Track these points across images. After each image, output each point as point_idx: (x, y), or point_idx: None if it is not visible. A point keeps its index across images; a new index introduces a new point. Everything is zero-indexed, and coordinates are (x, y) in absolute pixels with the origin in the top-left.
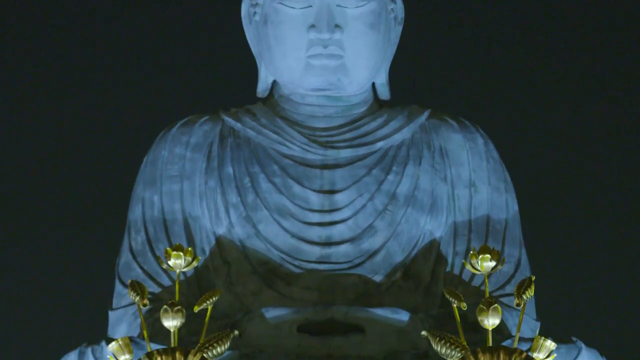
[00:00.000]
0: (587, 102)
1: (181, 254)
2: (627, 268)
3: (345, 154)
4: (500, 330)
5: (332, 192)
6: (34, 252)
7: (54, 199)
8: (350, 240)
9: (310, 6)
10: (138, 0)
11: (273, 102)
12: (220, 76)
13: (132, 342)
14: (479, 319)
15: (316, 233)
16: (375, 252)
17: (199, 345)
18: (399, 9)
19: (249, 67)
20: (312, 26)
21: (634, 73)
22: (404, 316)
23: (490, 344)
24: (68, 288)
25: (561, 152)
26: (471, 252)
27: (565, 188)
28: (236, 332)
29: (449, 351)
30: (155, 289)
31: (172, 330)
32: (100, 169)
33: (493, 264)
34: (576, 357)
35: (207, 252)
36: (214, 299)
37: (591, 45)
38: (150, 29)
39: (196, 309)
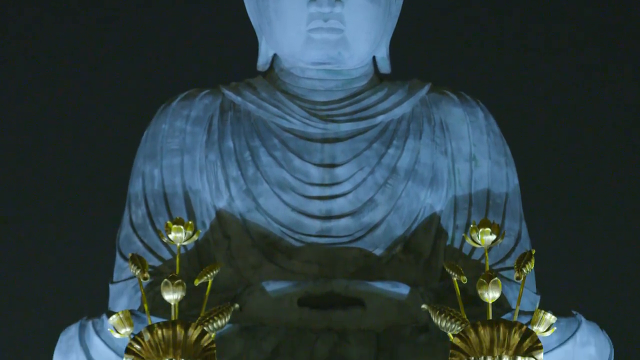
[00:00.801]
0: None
1: (182, 227)
2: (627, 242)
3: (346, 127)
4: (500, 304)
5: (333, 165)
6: (34, 227)
7: (55, 173)
8: (351, 213)
9: None
10: None
11: (273, 75)
12: (220, 50)
13: (132, 316)
14: (479, 292)
15: (316, 207)
16: (375, 226)
17: (199, 318)
18: None
19: (250, 41)
20: (313, 0)
21: (633, 28)
22: (404, 290)
23: (490, 318)
24: (68, 261)
25: (562, 125)
26: (471, 225)
27: (565, 162)
28: (237, 306)
29: (449, 324)
30: (156, 263)
31: (172, 303)
32: (100, 143)
33: (493, 237)
34: (576, 330)
35: (208, 226)
36: (214, 272)
37: (586, 14)
38: (149, 2)
39: (197, 283)
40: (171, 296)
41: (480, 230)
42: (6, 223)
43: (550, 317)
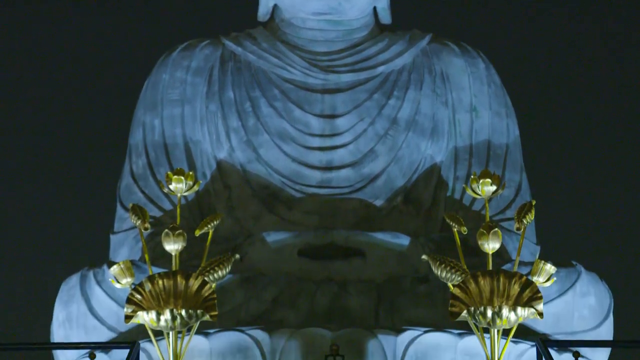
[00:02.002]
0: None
1: (182, 178)
2: (627, 193)
3: (346, 78)
4: (501, 254)
5: (333, 116)
6: (35, 178)
7: (56, 124)
8: (351, 164)
9: None
10: None
11: (274, 26)
12: (220, 0)
13: (133, 266)
14: (479, 243)
15: (317, 157)
16: (376, 177)
17: (200, 268)
18: None
19: None
20: None
21: None
22: (404, 240)
23: (490, 268)
24: (69, 212)
25: (562, 75)
26: (472, 176)
27: (566, 113)
28: (237, 256)
29: (449, 275)
30: (157, 213)
31: (173, 253)
32: (101, 93)
33: (494, 188)
34: (576, 280)
35: (208, 176)
36: (215, 222)
37: None
38: None
39: (197, 233)
40: (172, 246)
41: (481, 181)
42: (7, 175)
43: (550, 268)
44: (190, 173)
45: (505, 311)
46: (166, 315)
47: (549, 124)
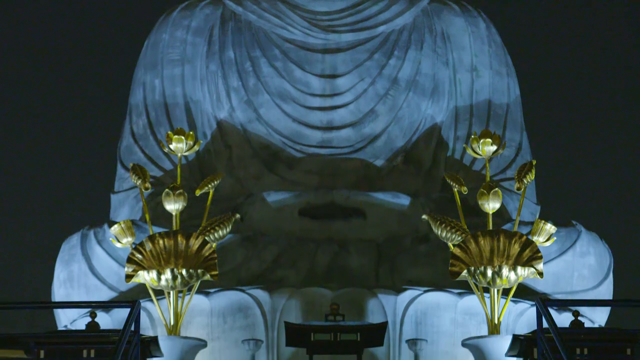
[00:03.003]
0: None
1: (182, 137)
2: (627, 153)
3: (347, 37)
4: (501, 214)
5: (334, 76)
6: (36, 138)
7: (56, 84)
8: (352, 124)
9: None
10: None
11: None
12: None
13: (134, 225)
14: (480, 202)
15: (317, 117)
16: (376, 137)
17: (200, 228)
18: None
19: None
20: None
21: None
22: (404, 200)
23: (491, 228)
24: (70, 171)
25: (563, 34)
26: (472, 136)
27: (566, 72)
28: (238, 216)
29: (449, 234)
30: (157, 173)
31: (174, 213)
32: (101, 53)
33: (494, 148)
34: (576, 240)
35: (209, 136)
36: (215, 182)
37: None
38: None
39: (198, 193)
40: (172, 206)
41: (481, 140)
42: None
43: (550, 227)
44: (191, 133)
45: (505, 271)
46: (167, 275)
47: (549, 83)
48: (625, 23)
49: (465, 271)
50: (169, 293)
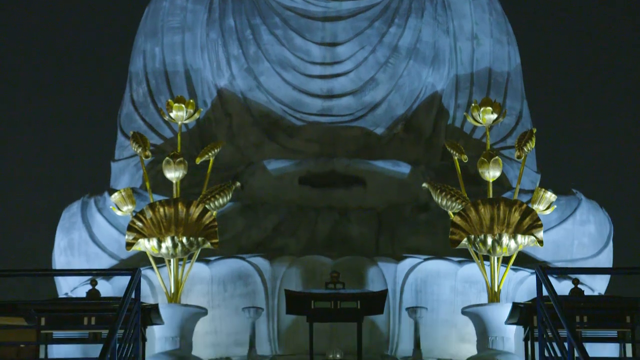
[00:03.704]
0: None
1: (183, 105)
2: (627, 121)
3: (347, 5)
4: (501, 182)
5: (334, 44)
6: (37, 105)
7: (57, 51)
8: (352, 92)
9: None
10: None
11: None
12: None
13: (134, 193)
14: (480, 171)
15: (318, 85)
16: (376, 105)
17: (201, 196)
18: None
19: None
20: None
21: None
22: (405, 168)
23: (491, 196)
24: (70, 139)
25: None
26: (473, 104)
27: (567, 40)
28: (238, 184)
29: (449, 203)
30: (157, 141)
31: (174, 181)
32: (101, 20)
33: (494, 116)
34: (576, 208)
35: (209, 104)
36: (215, 150)
37: None
38: None
39: (198, 161)
40: (173, 174)
41: (482, 109)
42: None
43: (550, 196)
44: (191, 101)
45: (505, 239)
46: (167, 243)
47: (550, 51)
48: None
49: (465, 239)
50: (169, 261)
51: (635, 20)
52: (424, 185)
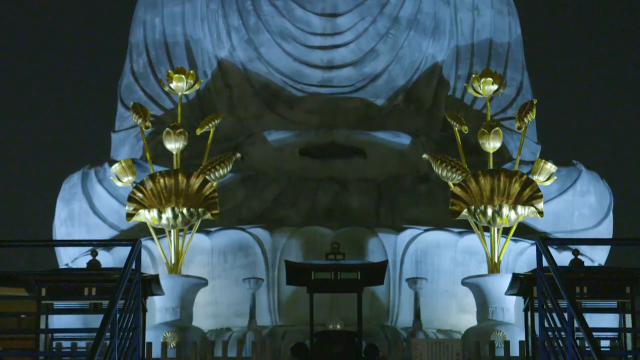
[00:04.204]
0: None
1: (183, 76)
2: (628, 92)
3: None
4: (501, 153)
5: (334, 15)
6: (37, 76)
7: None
8: (352, 63)
9: None
10: None
11: None
12: None
13: (134, 164)
14: (480, 142)
15: (318, 56)
16: (377, 76)
17: (201, 167)
18: None
19: None
20: None
21: None
22: (405, 139)
23: (491, 167)
24: (71, 110)
25: None
26: (473, 75)
27: (568, 11)
28: (238, 155)
29: (449, 174)
30: (158, 112)
31: (174, 152)
32: None
33: (495, 87)
34: (576, 179)
35: (209, 75)
36: (216, 121)
37: None
38: None
39: (198, 132)
40: (173, 145)
41: (482, 80)
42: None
43: (550, 167)
44: (191, 72)
45: (505, 210)
46: (167, 214)
47: (550, 22)
48: None
49: (465, 210)
50: (169, 232)
51: None
52: (424, 156)
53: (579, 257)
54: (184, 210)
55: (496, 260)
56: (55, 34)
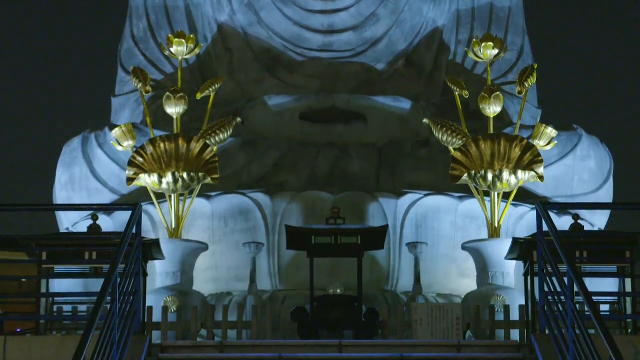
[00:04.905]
0: None
1: (183, 41)
2: (629, 56)
3: None
4: (502, 118)
5: None
6: (36, 40)
7: None
8: (353, 28)
9: None
10: None
11: None
12: None
13: (135, 128)
14: (481, 106)
15: (319, 21)
16: (377, 40)
17: (201, 132)
18: None
19: None
20: None
21: None
22: (405, 104)
23: (492, 132)
24: (71, 75)
25: None
26: (474, 40)
27: None
28: (239, 120)
29: (450, 138)
30: (158, 76)
31: (174, 117)
32: None
33: (496, 51)
34: (577, 144)
35: (209, 40)
36: (216, 86)
37: None
38: None
39: (199, 96)
40: (173, 109)
41: (483, 44)
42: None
43: (551, 131)
44: (192, 36)
45: (505, 174)
46: (168, 178)
47: None
48: None
49: (466, 175)
50: (170, 196)
51: None
52: (425, 120)
53: (579, 221)
54: (185, 175)
55: (496, 225)
56: None
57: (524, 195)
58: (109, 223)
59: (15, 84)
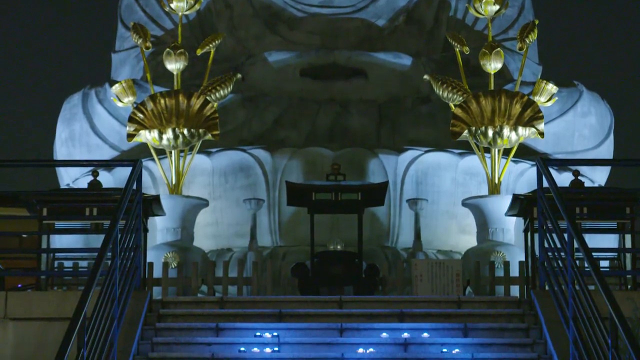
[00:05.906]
0: None
1: None
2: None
3: None
4: (502, 74)
5: None
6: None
7: None
8: None
9: None
10: None
11: None
12: None
13: (135, 84)
14: (482, 62)
15: None
16: None
17: (202, 88)
18: None
19: None
20: None
21: None
22: (406, 60)
23: (492, 88)
24: (70, 30)
25: None
26: None
27: None
28: (239, 76)
29: (450, 95)
30: (158, 32)
31: (175, 73)
32: None
33: (496, 7)
34: (577, 100)
35: None
36: (216, 42)
37: None
38: None
39: (199, 52)
40: (173, 65)
41: (484, 0)
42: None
43: (551, 88)
44: None
45: (506, 131)
46: (168, 134)
47: None
48: None
49: (466, 131)
50: (170, 152)
51: None
52: (425, 77)
53: (579, 177)
54: (185, 131)
55: (496, 181)
56: None
57: (524, 152)
58: (109, 179)
59: (14, 38)
